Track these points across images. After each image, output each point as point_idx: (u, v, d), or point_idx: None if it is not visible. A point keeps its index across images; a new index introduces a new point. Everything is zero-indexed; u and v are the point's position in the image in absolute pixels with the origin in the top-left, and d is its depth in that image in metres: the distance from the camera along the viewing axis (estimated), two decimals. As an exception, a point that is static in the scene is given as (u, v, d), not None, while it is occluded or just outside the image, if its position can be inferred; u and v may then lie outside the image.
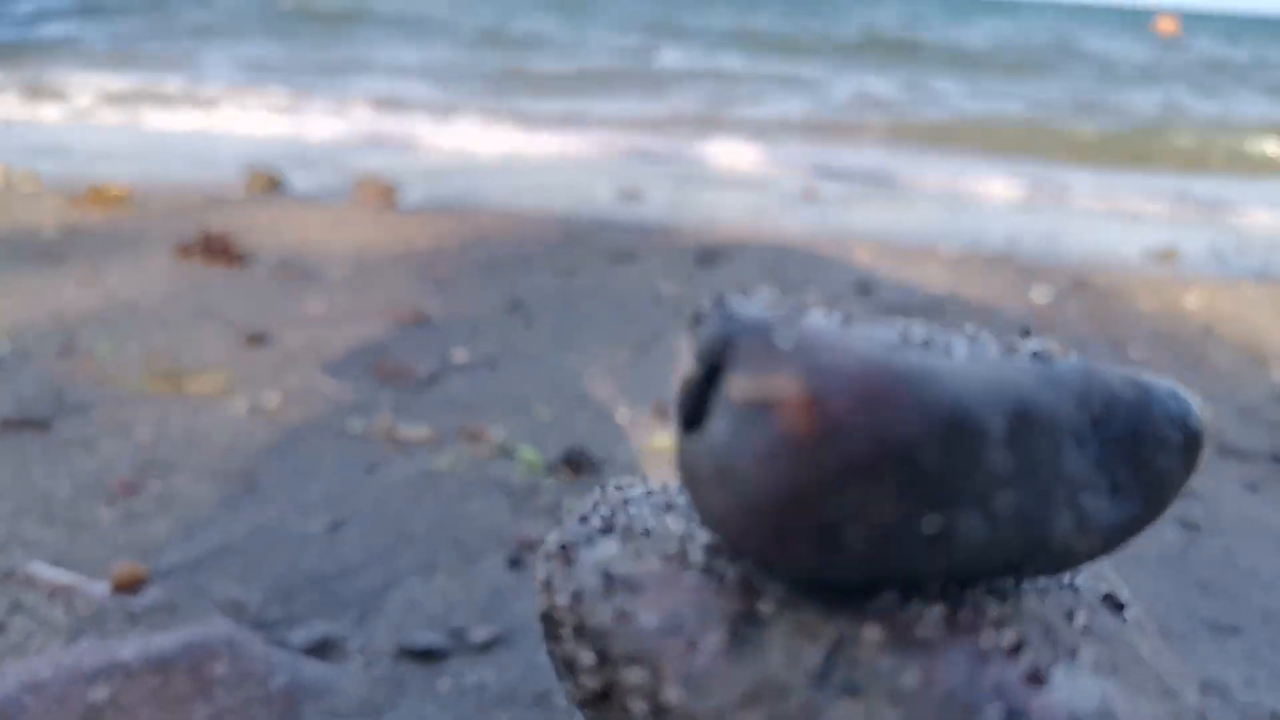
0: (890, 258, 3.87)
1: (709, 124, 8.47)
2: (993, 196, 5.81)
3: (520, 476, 1.81)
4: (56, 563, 1.46)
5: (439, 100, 8.63)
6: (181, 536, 1.54)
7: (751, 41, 15.63)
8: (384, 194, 4.35)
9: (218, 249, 3.14)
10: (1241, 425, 2.38)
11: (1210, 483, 2.05)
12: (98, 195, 3.94)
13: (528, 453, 1.87)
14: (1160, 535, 1.78)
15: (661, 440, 2.00)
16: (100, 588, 1.39)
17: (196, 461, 1.79)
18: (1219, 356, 2.91)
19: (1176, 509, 1.90)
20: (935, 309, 3.16)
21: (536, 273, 3.31)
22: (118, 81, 8.62)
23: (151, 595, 1.38)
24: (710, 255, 3.65)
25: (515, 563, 1.52)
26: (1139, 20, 33.71)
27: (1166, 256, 4.36)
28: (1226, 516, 1.89)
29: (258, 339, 2.43)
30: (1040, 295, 3.48)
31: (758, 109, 9.46)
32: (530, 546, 1.57)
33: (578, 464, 1.83)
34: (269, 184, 4.51)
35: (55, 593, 1.38)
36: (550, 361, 2.43)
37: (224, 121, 7.34)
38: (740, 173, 6.25)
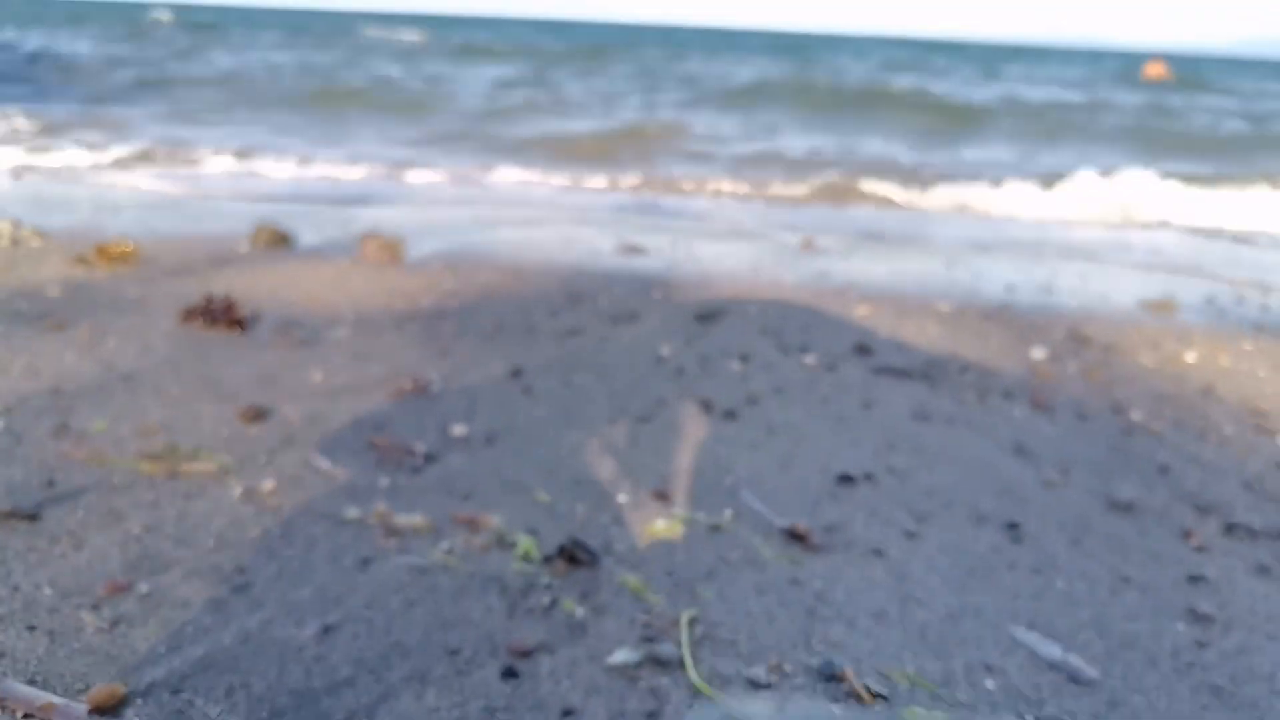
0: (888, 313, 3.79)
1: (708, 178, 8.47)
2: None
3: (517, 569, 1.72)
4: (35, 676, 1.37)
5: (446, 159, 8.61)
6: (167, 646, 1.45)
7: (740, 96, 15.73)
8: (389, 249, 4.29)
9: (220, 313, 3.07)
10: (1248, 499, 2.29)
11: (1218, 565, 1.96)
12: (104, 252, 3.88)
13: (525, 543, 1.79)
14: (1171, 630, 1.70)
15: (660, 526, 1.91)
16: (79, 709, 1.30)
17: (187, 556, 1.70)
18: (1221, 420, 2.82)
19: (1186, 597, 1.81)
20: (936, 371, 3.08)
21: (538, 335, 3.23)
22: (130, 141, 8.62)
23: (131, 717, 1.30)
24: (710, 313, 3.57)
25: (509, 673, 1.43)
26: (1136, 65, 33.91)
27: (1163, 307, 4.29)
28: (1239, 606, 1.80)
29: (257, 414, 2.35)
30: (1039, 352, 3.40)
31: (752, 164, 9.47)
32: (524, 655, 1.48)
33: (574, 556, 1.74)
34: (277, 239, 4.45)
35: (32, 716, 1.29)
36: (549, 437, 2.34)
37: (236, 178, 7.32)
38: (739, 226, 6.20)
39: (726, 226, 5.97)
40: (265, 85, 13.35)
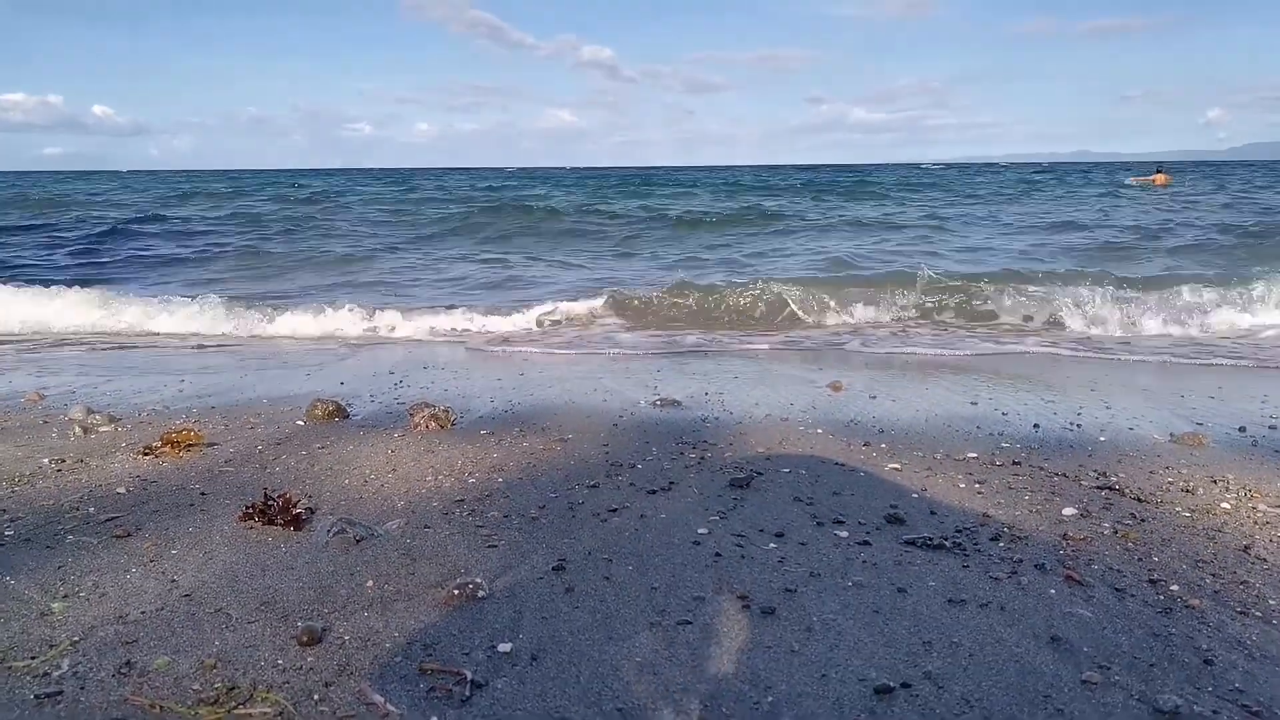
0: (918, 470, 3.71)
1: (737, 326, 8.52)
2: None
3: (563, 830, 1.66)
4: None
5: (489, 321, 8.73)
6: None
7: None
8: (439, 418, 4.31)
9: (277, 512, 3.08)
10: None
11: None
12: (169, 440, 3.94)
13: (570, 798, 1.72)
14: None
15: (704, 768, 1.84)
16: None
17: (240, 831, 1.66)
18: (1264, 588, 2.68)
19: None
20: (967, 540, 2.99)
21: (579, 515, 3.19)
22: (197, 314, 8.88)
23: None
24: (744, 479, 3.52)
25: None
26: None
27: (1194, 442, 4.16)
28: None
29: (312, 636, 2.32)
30: (1069, 509, 3.29)
31: (778, 316, 9.51)
32: None
33: (620, 814, 1.68)
34: (333, 412, 4.50)
35: None
36: (591, 652, 2.28)
37: (292, 346, 7.48)
38: (768, 371, 6.19)
39: (755, 370, 5.96)
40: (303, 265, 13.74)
